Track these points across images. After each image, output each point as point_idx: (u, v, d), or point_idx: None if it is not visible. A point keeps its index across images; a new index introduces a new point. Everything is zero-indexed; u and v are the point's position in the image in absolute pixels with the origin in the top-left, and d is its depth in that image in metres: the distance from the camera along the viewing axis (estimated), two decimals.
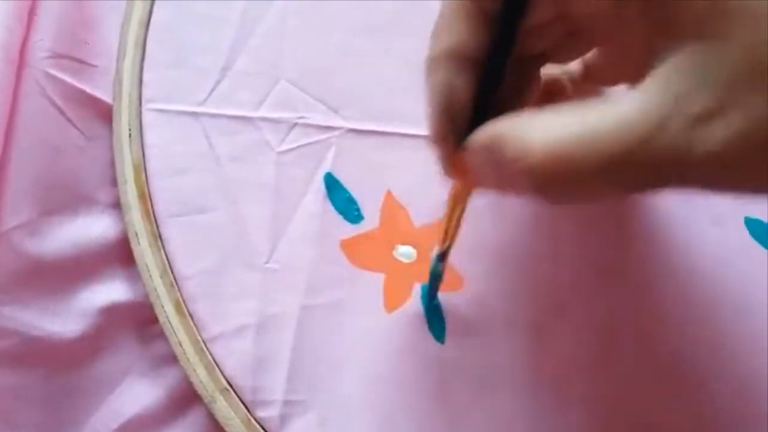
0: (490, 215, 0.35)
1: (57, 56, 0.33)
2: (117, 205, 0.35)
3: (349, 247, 0.35)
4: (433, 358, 0.33)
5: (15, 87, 0.31)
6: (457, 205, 0.30)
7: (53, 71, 0.33)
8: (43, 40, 0.33)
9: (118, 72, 0.35)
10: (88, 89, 0.34)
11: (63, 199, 0.33)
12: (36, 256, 0.32)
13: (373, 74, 0.37)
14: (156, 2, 0.35)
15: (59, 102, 0.33)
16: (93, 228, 0.33)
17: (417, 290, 0.34)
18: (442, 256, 0.31)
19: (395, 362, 0.33)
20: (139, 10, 0.35)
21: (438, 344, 0.33)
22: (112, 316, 0.32)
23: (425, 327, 0.33)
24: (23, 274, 0.31)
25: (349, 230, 0.35)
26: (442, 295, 0.34)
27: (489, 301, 0.34)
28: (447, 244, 0.31)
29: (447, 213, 0.30)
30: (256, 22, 0.36)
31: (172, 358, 0.32)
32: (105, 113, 0.35)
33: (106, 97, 0.35)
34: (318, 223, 0.35)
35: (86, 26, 0.35)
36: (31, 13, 0.32)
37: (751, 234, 0.36)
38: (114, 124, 0.34)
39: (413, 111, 0.37)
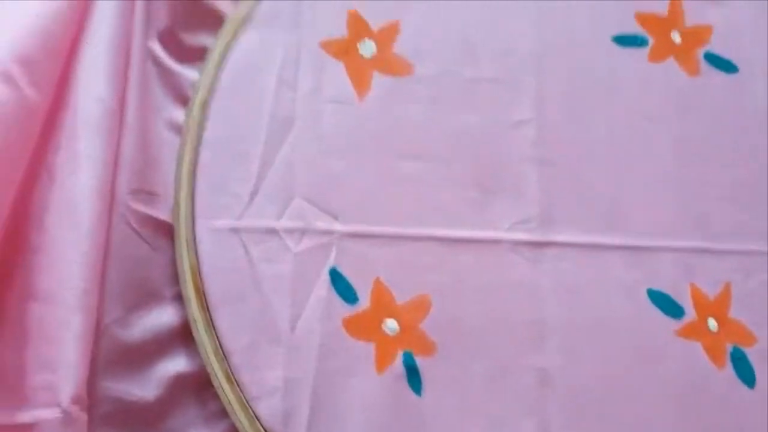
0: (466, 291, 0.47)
1: (134, 192, 0.45)
2: (178, 298, 0.46)
3: (348, 323, 0.46)
4: (413, 408, 0.44)
5: (109, 219, 0.43)
6: None
7: (132, 204, 0.45)
8: (125, 180, 0.45)
9: (177, 201, 0.46)
10: (155, 214, 0.46)
11: (140, 297, 0.45)
12: (125, 342, 0.43)
13: (362, 187, 0.48)
14: (201, 146, 0.47)
15: (136, 226, 0.45)
16: (163, 318, 0.45)
17: (400, 356, 0.45)
18: None
19: (385, 411, 0.44)
20: (189, 153, 0.47)
21: (417, 397, 0.44)
22: (180, 383, 0.44)
23: (406, 383, 0.44)
24: (117, 355, 0.43)
25: (348, 310, 0.46)
26: (418, 359, 0.45)
27: (460, 362, 0.45)
28: None
29: None
30: (275, 155, 0.48)
31: (223, 414, 0.43)
32: (166, 229, 0.47)
33: (166, 217, 0.47)
34: (325, 306, 0.46)
35: (150, 165, 0.47)
36: (116, 158, 0.44)
37: None
38: (175, 239, 0.46)
39: (394, 215, 0.49)
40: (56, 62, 0.43)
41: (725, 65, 0.52)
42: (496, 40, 0.50)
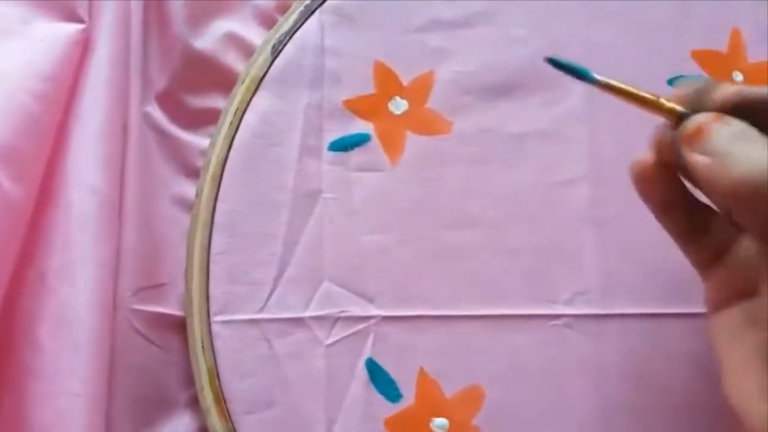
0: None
1: (138, 290, 0.37)
2: (193, 402, 0.39)
3: (391, 424, 0.38)
4: None
5: (112, 328, 0.35)
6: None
7: (136, 306, 0.37)
8: (127, 278, 0.37)
9: (188, 292, 0.39)
10: (163, 309, 0.38)
11: (151, 409, 0.37)
12: None
13: (399, 264, 0.40)
14: (214, 228, 0.39)
15: (142, 329, 0.37)
16: (178, 429, 0.37)
17: None
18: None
19: None
20: (200, 236, 0.39)
21: None
22: None
23: None
24: None
25: (390, 409, 0.38)
26: None
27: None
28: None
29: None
30: (299, 234, 0.40)
31: None
32: (177, 325, 0.39)
33: (176, 311, 0.39)
34: (363, 406, 0.38)
35: (155, 253, 0.39)
36: (118, 254, 0.36)
37: None
38: (189, 337, 0.38)
39: (436, 294, 0.41)
40: (42, 150, 0.35)
41: None
42: (540, 85, 0.43)
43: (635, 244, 0.41)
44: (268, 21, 0.43)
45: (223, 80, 0.42)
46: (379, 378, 0.39)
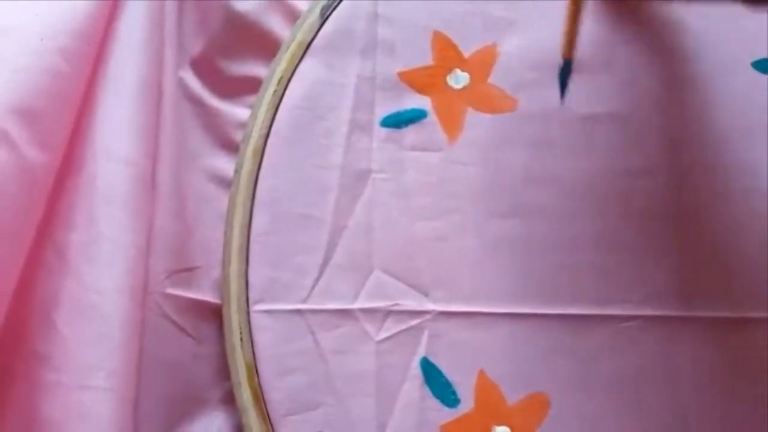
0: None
1: (170, 274, 0.33)
2: (228, 400, 0.34)
3: None
4: None
5: (142, 316, 0.30)
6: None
7: (169, 290, 0.32)
8: (158, 260, 0.32)
9: (226, 278, 0.34)
10: (197, 296, 0.34)
11: (180, 407, 0.32)
12: None
13: (457, 255, 0.36)
14: (255, 207, 0.35)
15: (175, 317, 0.33)
16: (210, 429, 0.33)
17: None
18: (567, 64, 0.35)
19: None
20: (239, 216, 0.35)
21: None
22: None
23: None
24: None
25: (447, 414, 0.34)
26: None
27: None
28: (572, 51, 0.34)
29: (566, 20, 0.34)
30: (347, 217, 0.35)
31: None
32: (212, 313, 0.34)
33: (212, 297, 0.34)
34: (418, 410, 0.34)
35: (189, 233, 0.34)
36: (149, 237, 0.32)
37: None
38: (225, 329, 0.34)
39: (497, 288, 0.37)
40: (67, 114, 0.30)
41: None
42: (612, 66, 0.38)
43: (717, 242, 0.37)
44: None
45: (265, 46, 0.37)
46: (435, 380, 0.34)
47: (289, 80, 0.36)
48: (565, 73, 0.35)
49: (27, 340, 0.29)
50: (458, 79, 0.37)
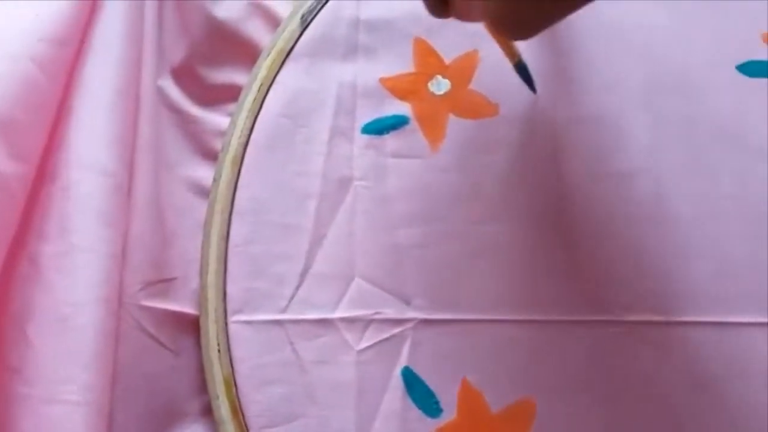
0: None
1: (146, 285, 0.32)
2: (206, 413, 0.33)
3: None
4: None
5: (116, 329, 0.30)
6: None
7: (144, 302, 0.32)
8: (133, 271, 0.32)
9: (203, 288, 0.33)
10: (174, 307, 0.33)
11: (158, 423, 0.32)
12: None
13: (439, 262, 0.35)
14: (234, 215, 0.34)
15: (151, 329, 0.32)
16: None
17: None
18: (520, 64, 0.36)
19: None
20: (217, 225, 0.34)
21: None
22: None
23: None
24: None
25: (430, 424, 0.33)
26: None
27: None
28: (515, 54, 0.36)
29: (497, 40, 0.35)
30: (328, 225, 0.35)
31: None
32: (189, 324, 0.34)
33: (189, 309, 0.34)
34: (400, 421, 0.33)
35: (166, 244, 0.34)
36: (125, 247, 0.31)
37: None
38: (202, 340, 0.33)
39: (479, 295, 0.36)
40: (42, 123, 0.30)
41: None
42: (595, 71, 0.38)
43: (704, 247, 0.36)
44: None
45: (245, 53, 0.37)
46: (417, 389, 0.34)
47: (269, 87, 0.36)
48: (522, 71, 0.36)
49: (0, 353, 0.29)
50: (440, 86, 0.37)
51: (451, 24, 0.37)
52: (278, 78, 0.36)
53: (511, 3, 0.24)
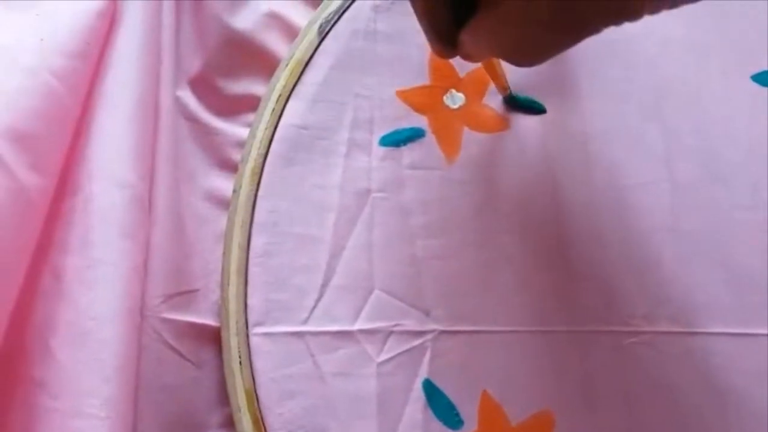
0: None
1: (168, 298, 0.32)
2: (226, 425, 0.33)
3: None
4: None
5: (138, 342, 0.30)
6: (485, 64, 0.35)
7: (166, 314, 0.32)
8: (155, 284, 0.31)
9: (224, 300, 0.33)
10: (196, 319, 0.33)
11: None
12: None
13: (458, 273, 0.35)
14: (254, 228, 0.34)
15: (173, 342, 0.32)
16: None
17: None
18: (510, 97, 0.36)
19: None
20: (237, 237, 0.34)
21: None
22: None
23: None
24: None
25: None
26: None
27: None
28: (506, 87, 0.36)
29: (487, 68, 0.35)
30: (347, 237, 0.35)
31: None
32: (211, 336, 0.33)
33: (210, 321, 0.34)
34: None
35: (186, 256, 0.34)
36: (146, 260, 0.31)
37: None
38: (224, 353, 0.33)
39: (499, 306, 0.36)
40: (62, 135, 0.29)
41: None
42: (605, 80, 0.38)
43: (720, 257, 0.36)
44: None
45: (262, 63, 0.37)
46: (438, 402, 0.33)
47: (287, 99, 0.36)
48: (513, 102, 0.37)
49: (24, 365, 0.28)
50: (454, 99, 0.37)
51: None
52: (296, 89, 0.36)
53: (526, 38, 0.24)
